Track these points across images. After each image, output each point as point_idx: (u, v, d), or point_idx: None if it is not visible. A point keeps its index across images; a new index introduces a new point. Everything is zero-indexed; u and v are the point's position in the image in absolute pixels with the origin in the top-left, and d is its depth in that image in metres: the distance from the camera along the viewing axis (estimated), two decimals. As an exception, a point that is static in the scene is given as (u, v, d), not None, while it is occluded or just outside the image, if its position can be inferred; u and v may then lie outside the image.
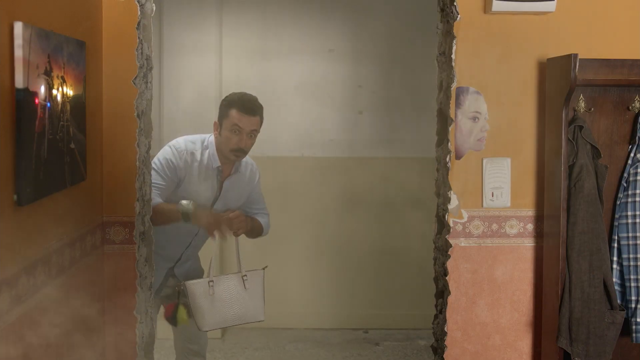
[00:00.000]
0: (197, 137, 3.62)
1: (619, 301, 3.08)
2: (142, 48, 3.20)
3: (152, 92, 3.43)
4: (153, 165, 3.47)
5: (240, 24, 5.70)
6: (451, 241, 3.20)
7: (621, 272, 3.10)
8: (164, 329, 5.56)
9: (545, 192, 3.17)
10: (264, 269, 3.63)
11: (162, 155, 3.56)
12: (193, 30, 5.52)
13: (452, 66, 3.16)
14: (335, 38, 5.78)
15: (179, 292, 3.53)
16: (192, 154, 3.55)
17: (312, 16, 5.76)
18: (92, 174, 3.03)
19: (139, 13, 3.14)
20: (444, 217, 3.26)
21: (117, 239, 3.21)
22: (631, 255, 3.05)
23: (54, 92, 2.49)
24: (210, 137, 3.61)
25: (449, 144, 3.19)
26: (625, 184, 3.11)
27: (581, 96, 3.10)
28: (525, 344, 3.28)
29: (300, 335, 5.78)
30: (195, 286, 3.48)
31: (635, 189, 3.07)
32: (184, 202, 3.43)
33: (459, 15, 3.14)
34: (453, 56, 3.16)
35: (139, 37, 3.15)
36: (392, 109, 5.75)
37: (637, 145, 3.10)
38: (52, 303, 2.60)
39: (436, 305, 3.45)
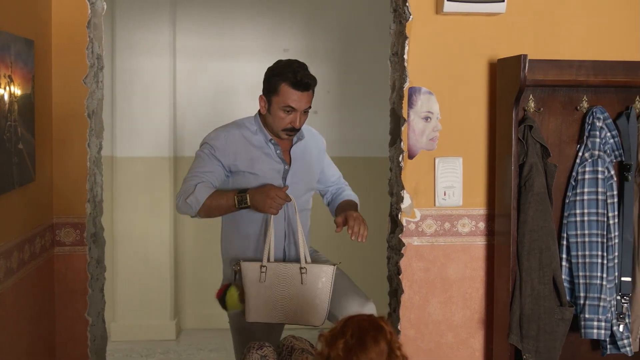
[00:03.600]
0: (237, 120, 3.17)
1: (568, 298, 3.14)
2: (92, 47, 3.16)
3: (103, 91, 3.39)
4: (197, 155, 3.07)
5: (194, 23, 5.66)
6: (404, 240, 3.22)
7: (570, 269, 3.15)
8: (117, 331, 5.51)
9: (496, 191, 3.21)
10: (335, 265, 3.02)
11: (205, 141, 3.09)
12: (146, 30, 5.46)
13: (404, 66, 3.19)
14: (289, 38, 5.77)
15: (236, 273, 3.03)
16: (239, 132, 3.07)
17: (267, 16, 5.74)
18: (42, 174, 2.99)
19: (89, 11, 3.10)
20: (397, 216, 3.29)
21: (68, 240, 3.16)
22: (580, 253, 3.11)
23: (1, 91, 2.45)
24: (250, 118, 3.14)
25: (402, 143, 3.22)
26: (574, 183, 3.17)
27: (531, 96, 3.15)
28: (477, 341, 3.32)
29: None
30: (249, 268, 2.96)
31: (583, 187, 3.12)
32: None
33: (411, 16, 3.17)
34: (405, 56, 3.19)
35: (89, 36, 3.11)
36: (347, 109, 5.76)
37: (585, 144, 3.16)
38: (0, 307, 2.56)
39: (390, 304, 3.48)
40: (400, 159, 3.23)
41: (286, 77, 2.97)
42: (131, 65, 5.42)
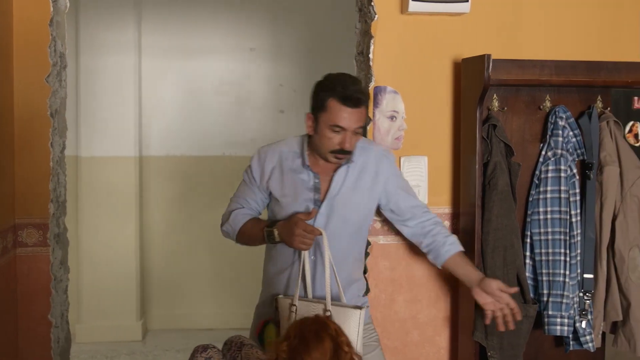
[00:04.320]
0: (288, 138, 2.92)
1: (531, 295, 3.17)
2: (55, 45, 3.13)
3: (66, 90, 3.36)
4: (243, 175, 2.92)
5: (160, 21, 5.63)
6: (370, 239, 3.23)
7: (534, 266, 3.18)
8: (83, 333, 5.45)
9: (461, 189, 3.23)
10: (361, 308, 2.60)
11: (250, 163, 2.89)
12: (111, 28, 5.41)
13: (369, 66, 3.20)
14: (256, 37, 5.76)
15: (276, 307, 2.76)
16: (279, 151, 2.83)
17: (233, 14, 5.73)
18: (3, 174, 2.95)
19: (52, 9, 3.07)
20: (363, 215, 3.29)
21: (30, 241, 3.12)
22: (543, 250, 3.14)
23: (-39, 90, 2.41)
24: (299, 136, 2.88)
25: (368, 142, 3.22)
26: (537, 181, 3.20)
27: (495, 96, 3.18)
28: (443, 339, 3.34)
29: (223, 335, 5.69)
30: (282, 304, 2.72)
31: (546, 186, 3.16)
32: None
33: (376, 16, 3.18)
34: (371, 56, 3.20)
35: (52, 34, 3.07)
36: (313, 108, 5.78)
37: (548, 143, 3.19)
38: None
39: (356, 303, 3.49)
40: (366, 158, 3.24)
41: (335, 91, 2.63)
42: (96, 64, 5.37)
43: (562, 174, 3.13)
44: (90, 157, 5.38)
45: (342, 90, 2.61)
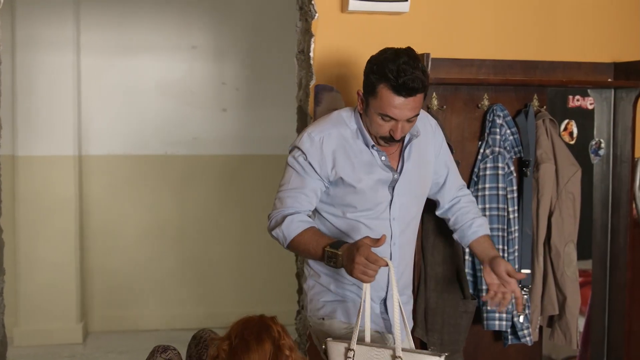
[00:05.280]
0: (334, 114, 2.54)
1: (470, 291, 3.22)
2: (-12, 42, 3.05)
3: (1, 88, 3.27)
4: (287, 163, 2.53)
5: (99, 18, 5.53)
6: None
7: (473, 262, 3.23)
8: (21, 336, 5.33)
9: (402, 187, 3.25)
10: (443, 355, 2.25)
11: (295, 144, 2.51)
12: (48, 24, 5.29)
13: (310, 64, 3.20)
14: (198, 34, 5.71)
15: (325, 352, 2.36)
16: (337, 132, 2.46)
17: (175, 12, 5.67)
18: None
19: (-16, 5, 2.99)
20: (304, 213, 3.29)
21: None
22: (482, 246, 3.19)
23: None
24: (349, 112, 2.53)
25: (309, 141, 3.22)
26: (475, 179, 3.25)
27: (434, 94, 3.21)
28: (384, 336, 3.36)
29: (166, 336, 5.67)
30: (336, 349, 2.31)
31: (484, 183, 3.20)
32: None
33: (317, 14, 3.18)
34: (311, 54, 3.20)
35: (-16, 31, 3.00)
36: (256, 106, 5.75)
37: (486, 141, 3.24)
38: None
39: (298, 301, 3.49)
40: (307, 156, 3.23)
41: (386, 77, 2.28)
42: (33, 61, 5.25)
43: (500, 172, 3.18)
44: (27, 156, 5.26)
45: (395, 78, 2.26)
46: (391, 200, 2.45)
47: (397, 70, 2.26)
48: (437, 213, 2.73)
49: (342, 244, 2.29)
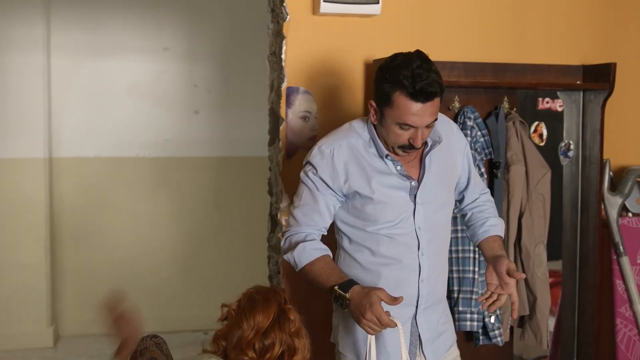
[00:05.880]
0: (346, 125, 2.47)
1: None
2: (-45, 43, 3.01)
3: (-32, 90, 3.24)
4: (300, 179, 2.47)
5: (70, 19, 5.48)
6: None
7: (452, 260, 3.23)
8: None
9: (373, 189, 3.26)
10: None
11: (307, 160, 2.45)
12: (18, 24, 5.23)
13: (282, 66, 3.20)
14: (170, 36, 5.69)
15: None
16: (347, 142, 2.39)
17: (146, 13, 5.64)
18: None
19: (-49, 6, 2.95)
20: (276, 215, 3.29)
21: None
22: (453, 248, 3.19)
23: None
24: (361, 122, 2.45)
25: (280, 143, 3.22)
26: (447, 180, 3.26)
27: (405, 96, 3.22)
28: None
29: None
30: None
31: (455, 184, 3.22)
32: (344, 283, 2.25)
33: (288, 16, 3.18)
34: (283, 56, 3.20)
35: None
36: (228, 109, 5.74)
37: (457, 143, 3.26)
38: None
39: (271, 303, 3.48)
40: (279, 158, 3.24)
41: (401, 84, 2.19)
42: (2, 63, 5.21)
43: (471, 173, 3.20)
44: (-4, 158, 5.22)
45: (411, 85, 2.18)
46: (414, 209, 2.37)
47: (412, 76, 2.18)
48: (455, 211, 2.64)
49: (352, 284, 2.21)
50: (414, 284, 2.36)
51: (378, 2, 3.19)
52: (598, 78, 3.40)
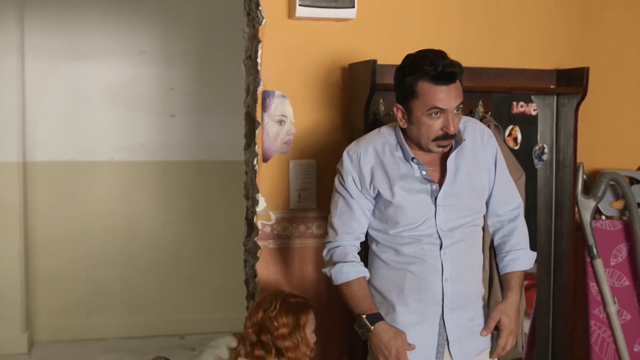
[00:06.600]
0: (374, 131, 2.59)
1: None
2: None
3: (-61, 93, 3.20)
4: (334, 187, 2.60)
5: (44, 22, 5.45)
6: (260, 243, 3.23)
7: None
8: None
9: (350, 192, 3.26)
10: None
11: (337, 166, 2.59)
12: (-9, 28, 5.21)
13: (258, 70, 3.20)
14: (145, 39, 5.66)
15: None
16: (373, 147, 2.50)
17: (122, 16, 5.61)
18: None
19: None
20: (252, 219, 3.29)
21: None
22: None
23: None
24: (390, 128, 2.55)
25: (256, 147, 3.22)
26: (422, 184, 3.27)
27: (381, 100, 3.23)
28: (336, 341, 3.37)
29: (114, 345, 5.60)
30: None
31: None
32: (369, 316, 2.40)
33: (264, 20, 3.18)
34: (259, 60, 3.19)
35: None
36: (204, 112, 5.73)
37: (433, 147, 3.27)
38: None
39: (247, 308, 3.47)
40: (255, 162, 3.23)
41: (423, 71, 2.32)
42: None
43: (447, 177, 3.21)
44: (-31, 163, 5.17)
45: (431, 68, 2.30)
46: (435, 212, 2.43)
47: (431, 63, 2.31)
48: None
49: (378, 319, 2.39)
50: (437, 282, 2.44)
51: (354, 6, 3.19)
52: (571, 82, 3.43)
